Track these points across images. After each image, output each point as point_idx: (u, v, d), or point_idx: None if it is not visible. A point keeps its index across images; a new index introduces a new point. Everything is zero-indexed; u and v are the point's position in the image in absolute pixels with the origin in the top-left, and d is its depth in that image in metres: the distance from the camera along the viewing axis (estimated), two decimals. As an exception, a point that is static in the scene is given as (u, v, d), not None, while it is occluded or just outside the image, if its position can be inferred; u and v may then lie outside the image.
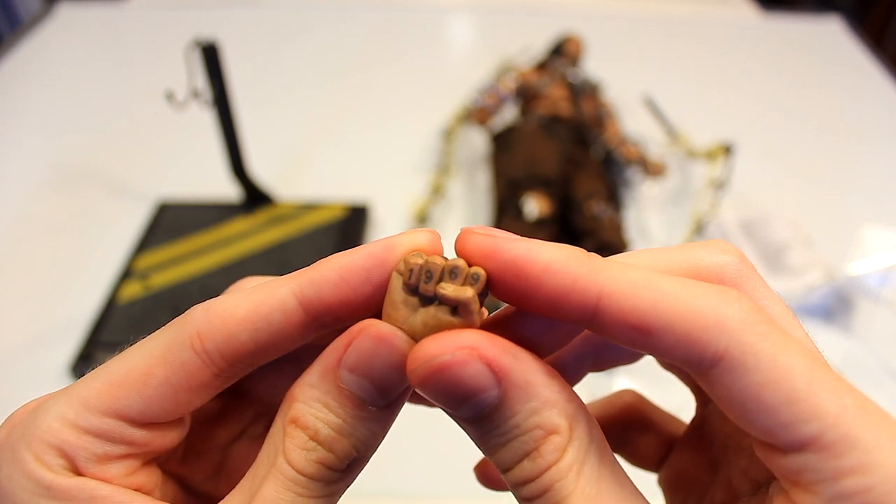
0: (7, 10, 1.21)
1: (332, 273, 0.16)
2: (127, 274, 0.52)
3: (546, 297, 0.15)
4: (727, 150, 0.60)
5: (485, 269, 0.15)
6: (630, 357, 0.21)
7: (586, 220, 0.54)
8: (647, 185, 0.65)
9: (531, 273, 0.15)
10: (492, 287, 0.16)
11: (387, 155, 0.69)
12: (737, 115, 0.77)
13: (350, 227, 0.57)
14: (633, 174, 0.65)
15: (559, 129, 0.61)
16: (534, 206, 0.54)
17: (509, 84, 0.66)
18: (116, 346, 0.50)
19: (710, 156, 0.62)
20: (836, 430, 0.13)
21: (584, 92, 0.65)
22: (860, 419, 0.14)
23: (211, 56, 0.48)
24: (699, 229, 0.57)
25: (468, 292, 0.15)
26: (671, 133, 0.67)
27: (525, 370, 0.15)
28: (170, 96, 0.49)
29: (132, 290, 0.50)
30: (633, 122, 0.70)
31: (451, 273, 0.15)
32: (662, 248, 0.17)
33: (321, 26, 0.92)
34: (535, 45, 0.78)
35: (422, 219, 0.59)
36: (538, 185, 0.55)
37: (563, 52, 0.69)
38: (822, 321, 0.53)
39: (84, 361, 0.46)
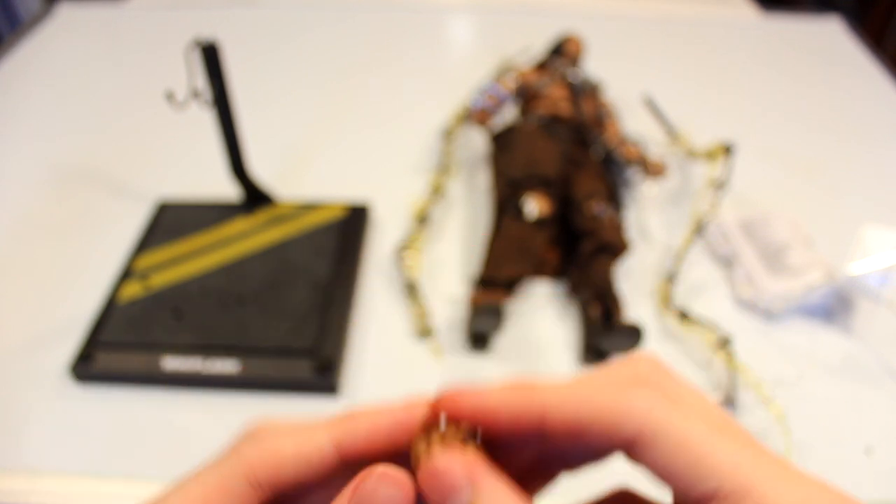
0: (7, 10, 1.21)
1: (362, 429, 0.20)
2: (127, 274, 0.52)
3: (506, 427, 0.19)
4: (727, 150, 0.60)
5: (464, 420, 0.19)
6: (595, 458, 0.23)
7: (586, 220, 0.54)
8: (648, 185, 0.65)
9: (489, 417, 0.19)
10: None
11: (387, 155, 0.69)
12: (737, 116, 0.77)
13: (350, 226, 0.57)
14: (633, 174, 0.65)
15: (559, 129, 0.61)
16: (533, 206, 0.54)
17: (509, 84, 0.66)
18: (117, 346, 0.50)
19: (711, 156, 0.62)
20: (732, 481, 0.16)
21: (584, 92, 0.65)
22: (754, 469, 0.16)
23: (211, 56, 0.48)
24: (699, 229, 0.57)
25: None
26: (671, 133, 0.67)
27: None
28: (170, 96, 0.49)
29: (132, 290, 0.50)
30: (633, 122, 0.70)
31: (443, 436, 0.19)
32: (589, 372, 0.20)
33: (321, 26, 0.92)
34: (535, 45, 0.78)
35: (421, 219, 0.59)
36: (538, 184, 0.55)
37: (563, 52, 0.69)
38: (822, 321, 0.53)
39: (84, 362, 0.46)
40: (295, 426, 0.21)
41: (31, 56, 0.84)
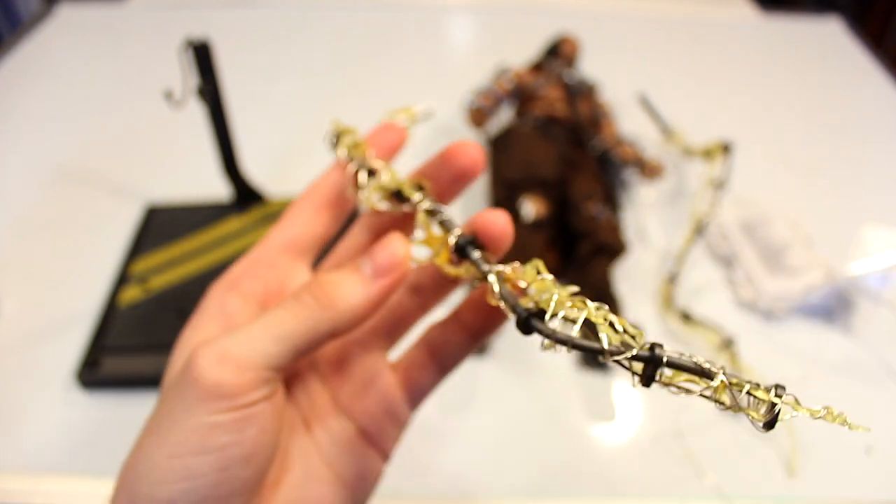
0: (7, 10, 1.21)
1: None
2: (124, 278, 0.52)
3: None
4: (726, 148, 0.60)
5: None
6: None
7: (584, 222, 0.54)
8: (646, 189, 0.65)
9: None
10: None
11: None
12: (737, 116, 0.77)
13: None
14: (630, 175, 0.65)
15: (555, 130, 0.61)
16: (530, 208, 0.54)
17: (506, 85, 0.66)
18: (123, 350, 0.49)
19: (708, 154, 0.62)
20: None
21: (581, 93, 0.65)
22: None
23: (203, 55, 0.48)
24: (700, 230, 0.57)
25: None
26: (666, 131, 0.67)
27: None
28: (168, 95, 0.49)
29: (132, 293, 0.50)
30: (630, 123, 0.70)
31: None
32: None
33: (319, 26, 0.92)
34: (533, 44, 0.78)
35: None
36: (535, 186, 0.55)
37: (558, 53, 0.69)
38: (822, 321, 0.53)
39: (90, 367, 0.46)
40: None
41: (31, 56, 0.84)
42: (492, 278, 0.21)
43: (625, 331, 0.18)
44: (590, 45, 0.75)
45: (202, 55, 0.48)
